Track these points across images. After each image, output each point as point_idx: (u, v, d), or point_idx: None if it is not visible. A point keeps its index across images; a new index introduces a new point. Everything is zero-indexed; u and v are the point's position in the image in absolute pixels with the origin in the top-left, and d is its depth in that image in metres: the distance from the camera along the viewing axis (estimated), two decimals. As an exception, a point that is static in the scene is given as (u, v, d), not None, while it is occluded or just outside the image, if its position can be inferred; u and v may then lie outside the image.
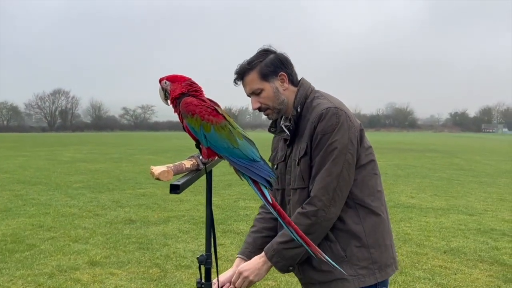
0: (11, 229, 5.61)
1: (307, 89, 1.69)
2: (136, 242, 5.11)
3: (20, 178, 10.57)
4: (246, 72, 1.66)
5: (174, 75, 1.43)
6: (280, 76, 1.66)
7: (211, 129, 1.35)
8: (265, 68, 1.64)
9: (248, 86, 1.67)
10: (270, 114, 1.70)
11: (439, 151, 23.21)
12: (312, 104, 1.64)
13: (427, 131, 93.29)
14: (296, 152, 1.65)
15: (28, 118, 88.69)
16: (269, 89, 1.64)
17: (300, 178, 1.62)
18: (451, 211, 7.08)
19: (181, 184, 1.07)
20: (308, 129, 1.60)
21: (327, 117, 1.56)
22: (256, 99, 1.67)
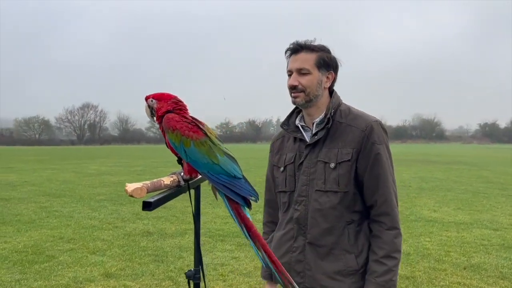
0: (32, 241, 5.77)
1: (339, 99, 1.73)
2: (152, 254, 5.17)
3: (46, 191, 10.88)
4: (305, 49, 1.65)
5: (161, 93, 1.47)
6: (329, 74, 1.68)
7: (191, 144, 1.38)
8: (324, 57, 1.65)
9: (299, 62, 1.64)
10: (300, 99, 1.66)
11: (466, 163, 22.58)
12: (351, 111, 1.68)
13: (456, 143, 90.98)
14: (329, 154, 1.63)
15: (59, 132, 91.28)
16: (315, 76, 1.64)
17: (336, 182, 1.60)
18: (474, 225, 6.87)
19: (154, 202, 1.08)
20: (353, 136, 1.61)
21: (380, 128, 1.63)
22: (297, 78, 1.65)
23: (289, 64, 1.68)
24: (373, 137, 1.60)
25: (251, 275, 4.43)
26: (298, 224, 1.65)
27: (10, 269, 4.60)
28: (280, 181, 1.76)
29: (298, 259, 1.64)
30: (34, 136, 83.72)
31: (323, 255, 1.61)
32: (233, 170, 1.41)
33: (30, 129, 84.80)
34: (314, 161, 1.65)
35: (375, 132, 1.60)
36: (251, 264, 4.77)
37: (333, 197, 1.60)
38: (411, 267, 4.71)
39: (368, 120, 1.63)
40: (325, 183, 1.61)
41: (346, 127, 1.63)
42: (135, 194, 1.11)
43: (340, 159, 1.60)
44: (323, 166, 1.62)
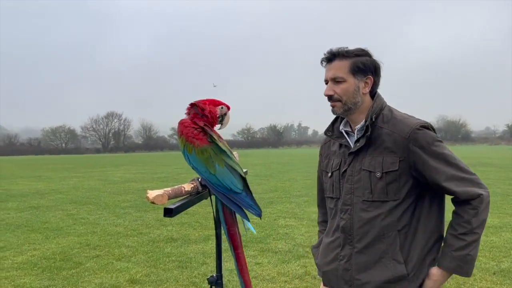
0: (60, 247, 5.91)
1: (383, 102, 1.68)
2: (176, 260, 5.21)
3: (73, 198, 11.13)
4: (339, 57, 1.63)
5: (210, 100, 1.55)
6: (367, 79, 1.63)
7: (192, 151, 1.40)
8: (358, 63, 1.61)
9: (333, 70, 1.63)
10: (337, 108, 1.64)
11: (494, 165, 21.96)
12: (393, 116, 1.63)
13: (482, 144, 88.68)
14: (373, 163, 1.60)
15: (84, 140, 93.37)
16: (351, 84, 1.61)
17: (384, 191, 1.57)
18: (504, 229, 6.67)
19: (175, 208, 1.10)
20: (399, 144, 1.57)
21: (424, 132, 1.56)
22: (333, 87, 1.63)
23: (325, 74, 1.67)
24: (419, 143, 1.54)
25: (274, 281, 4.42)
26: (344, 233, 1.64)
27: (39, 276, 4.72)
28: (327, 186, 1.75)
29: (345, 267, 1.62)
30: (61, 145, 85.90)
31: (371, 264, 1.59)
32: (230, 183, 1.41)
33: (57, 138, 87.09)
34: (358, 169, 1.62)
35: (420, 137, 1.54)
36: (274, 270, 4.76)
37: (382, 206, 1.57)
38: (438, 272, 4.61)
39: (410, 125, 1.57)
40: (372, 193, 1.59)
41: (388, 133, 1.59)
42: (157, 201, 1.13)
43: (386, 168, 1.57)
44: (368, 175, 1.60)
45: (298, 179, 15.39)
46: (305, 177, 16.13)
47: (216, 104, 1.52)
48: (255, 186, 12.91)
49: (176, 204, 1.14)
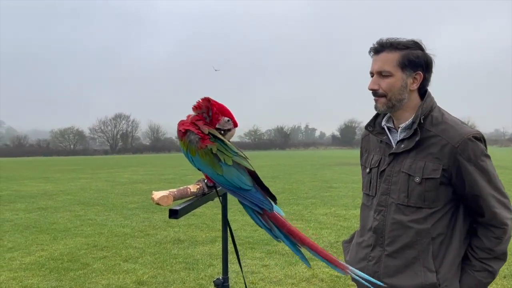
0: (68, 248, 5.93)
1: (433, 102, 1.57)
2: (183, 262, 5.20)
3: (81, 199, 11.18)
4: (388, 48, 1.52)
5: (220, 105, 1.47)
6: (417, 74, 1.53)
7: (196, 153, 1.36)
8: (409, 56, 1.50)
9: (380, 63, 1.52)
10: (381, 104, 1.55)
11: (505, 167, 21.73)
12: (445, 120, 1.53)
13: (492, 146, 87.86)
14: (414, 167, 1.52)
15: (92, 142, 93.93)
16: (398, 79, 1.51)
17: (421, 198, 1.51)
18: (514, 232, 6.58)
19: (180, 209, 1.09)
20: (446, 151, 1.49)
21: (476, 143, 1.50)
22: (378, 81, 1.53)
23: (371, 65, 1.57)
24: (467, 154, 1.46)
25: (281, 283, 4.39)
26: (376, 234, 1.59)
27: (46, 276, 4.73)
28: (365, 182, 1.70)
29: (374, 269, 1.58)
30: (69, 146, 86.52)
31: (401, 269, 1.53)
32: (239, 181, 1.36)
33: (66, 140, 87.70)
34: (397, 171, 1.55)
35: (470, 149, 1.46)
36: (281, 272, 4.73)
37: (418, 212, 1.51)
38: (447, 275, 4.55)
39: (462, 134, 1.48)
40: (409, 197, 1.52)
41: (436, 138, 1.50)
42: (162, 202, 1.12)
43: (427, 174, 1.49)
44: (407, 179, 1.52)
45: (305, 181, 15.34)
46: (312, 179, 16.07)
47: (224, 113, 1.43)
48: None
49: (182, 206, 1.12)
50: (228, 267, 1.57)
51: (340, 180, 15.42)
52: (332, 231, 6.74)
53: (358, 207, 8.87)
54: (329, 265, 1.39)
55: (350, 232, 6.67)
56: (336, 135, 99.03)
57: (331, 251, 5.50)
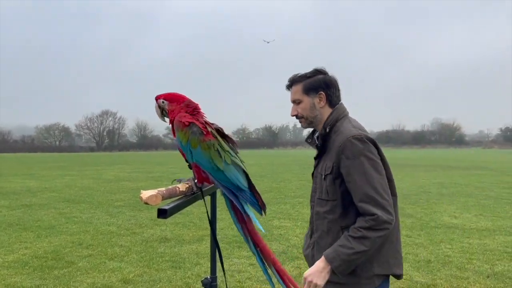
0: (52, 246, 5.85)
1: (340, 113, 1.89)
2: (169, 260, 5.17)
3: (66, 197, 11.04)
4: (294, 83, 1.93)
5: (172, 94, 1.45)
6: (320, 94, 1.88)
7: (198, 145, 1.35)
8: (309, 84, 1.89)
9: (292, 95, 1.94)
10: (302, 123, 1.94)
11: (487, 169, 22.09)
12: (340, 128, 1.85)
13: (476, 147, 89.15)
14: (323, 167, 1.87)
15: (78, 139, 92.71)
16: (306, 102, 1.89)
17: (326, 191, 1.83)
18: (497, 232, 6.69)
19: (169, 209, 1.07)
20: (335, 151, 1.80)
21: (353, 143, 1.74)
22: (295, 108, 1.93)
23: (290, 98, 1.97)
24: (346, 153, 1.75)
25: (268, 282, 4.39)
26: (311, 224, 1.93)
27: (30, 275, 4.66)
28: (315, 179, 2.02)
29: (312, 254, 1.89)
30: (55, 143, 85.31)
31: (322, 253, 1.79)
32: (236, 180, 1.39)
33: (51, 136, 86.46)
34: (318, 172, 1.93)
35: (347, 148, 1.75)
36: (268, 271, 4.73)
37: (325, 204, 1.83)
38: (432, 274, 4.61)
39: (346, 135, 1.78)
40: (322, 193, 1.86)
41: (334, 142, 1.84)
42: (150, 201, 1.10)
43: (325, 172, 1.84)
44: (320, 177, 1.89)
45: (292, 180, 15.38)
46: (299, 178, 16.12)
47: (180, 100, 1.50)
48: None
49: (171, 205, 1.10)
50: (216, 267, 1.56)
51: (327, 179, 15.49)
52: (319, 230, 6.77)
53: (345, 206, 8.88)
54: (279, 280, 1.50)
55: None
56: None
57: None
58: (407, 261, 5.08)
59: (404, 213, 8.39)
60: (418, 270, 4.77)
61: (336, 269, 1.68)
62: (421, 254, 5.41)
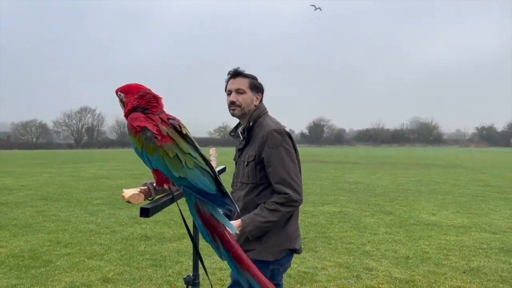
0: (29, 245, 5.73)
1: (262, 110, 2.27)
2: (150, 258, 5.13)
3: (44, 195, 10.82)
4: (242, 75, 2.24)
5: (128, 85, 1.30)
6: (258, 95, 2.28)
7: (155, 152, 1.21)
8: (255, 83, 2.27)
9: (238, 83, 2.21)
10: (237, 111, 2.22)
11: (464, 167, 22.61)
12: (262, 122, 2.23)
13: (453, 146, 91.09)
14: (246, 155, 2.25)
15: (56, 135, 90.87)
16: (249, 96, 2.22)
17: (247, 176, 2.22)
18: (473, 229, 6.86)
19: (152, 208, 1.06)
20: (258, 142, 2.16)
21: (274, 136, 2.14)
22: (236, 96, 2.21)
23: (229, 86, 2.24)
24: (268, 143, 2.13)
25: (249, 280, 4.40)
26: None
27: (6, 274, 4.55)
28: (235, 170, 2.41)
29: None
30: (32, 139, 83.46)
31: None
32: (202, 185, 1.25)
33: (28, 132, 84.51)
34: (240, 160, 2.31)
35: (269, 139, 2.13)
36: (249, 269, 4.74)
37: (246, 187, 2.23)
38: (410, 270, 4.69)
39: (267, 130, 2.16)
40: (243, 177, 2.25)
41: (257, 135, 2.20)
42: (133, 200, 1.09)
43: (249, 159, 2.20)
44: (243, 164, 2.26)
45: (274, 178, 15.41)
46: (281, 176, 16.16)
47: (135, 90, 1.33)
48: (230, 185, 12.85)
49: (153, 204, 1.09)
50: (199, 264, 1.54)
51: (308, 177, 15.59)
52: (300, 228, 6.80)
53: (326, 204, 9.08)
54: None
55: (318, 229, 6.76)
56: (305, 132, 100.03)
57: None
58: (386, 258, 5.16)
59: (383, 210, 8.52)
60: (397, 266, 4.85)
61: (249, 232, 2.05)
62: (400, 250, 5.50)
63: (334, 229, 6.79)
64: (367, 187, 12.48)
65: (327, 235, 6.34)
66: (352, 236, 6.28)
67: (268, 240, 2.12)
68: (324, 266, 4.84)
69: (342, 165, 23.16)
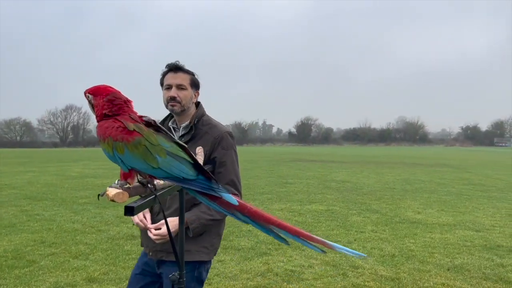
0: (13, 245, 5.64)
1: (203, 110, 2.26)
2: (136, 258, 5.08)
3: (27, 194, 10.66)
4: (184, 71, 2.16)
5: (97, 87, 1.29)
6: (196, 93, 2.24)
7: (124, 149, 1.19)
8: (195, 80, 2.21)
9: (179, 79, 2.14)
10: (177, 108, 2.15)
11: (449, 166, 22.91)
12: (211, 122, 2.21)
13: (438, 145, 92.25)
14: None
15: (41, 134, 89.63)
16: (189, 92, 2.17)
17: None
18: (458, 227, 6.95)
19: (137, 206, 1.04)
20: (210, 142, 2.14)
21: (228, 138, 2.17)
22: (177, 92, 2.14)
23: (168, 80, 2.15)
24: (222, 144, 2.13)
25: (236, 278, 4.40)
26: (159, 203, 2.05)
27: (-11, 275, 4.47)
28: None
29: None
30: (15, 138, 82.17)
31: None
32: (179, 171, 1.23)
33: (11, 131, 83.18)
34: None
35: (224, 141, 2.14)
36: (236, 267, 4.74)
37: None
38: (395, 268, 4.74)
39: (222, 131, 2.16)
40: None
41: (205, 133, 2.16)
42: (117, 199, 1.07)
43: None
44: None
45: (262, 176, 15.44)
46: (268, 174, 16.20)
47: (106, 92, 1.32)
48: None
49: (138, 202, 1.07)
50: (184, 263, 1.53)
51: (295, 176, 15.64)
52: (287, 226, 6.82)
53: (313, 202, 9.09)
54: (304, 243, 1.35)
55: (305, 227, 6.79)
56: (293, 131, 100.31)
57: (285, 246, 5.57)
58: (372, 255, 5.21)
59: (369, 208, 8.59)
60: (383, 264, 4.90)
61: (194, 229, 2.01)
62: (386, 248, 5.55)
63: (321, 227, 6.83)
64: (354, 186, 12.57)
65: (314, 234, 6.35)
66: (338, 235, 6.32)
67: (204, 240, 2.10)
68: (311, 264, 4.86)
69: (329, 164, 23.29)
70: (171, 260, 2.07)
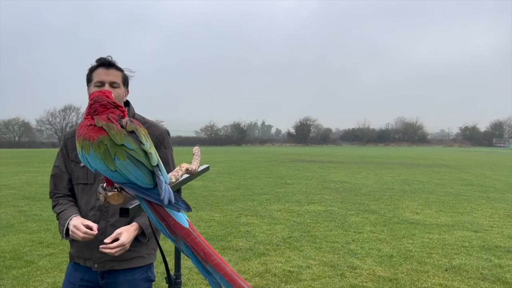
0: (11, 245, 5.63)
1: (133, 109, 2.19)
2: (134, 258, 5.08)
3: (25, 194, 10.64)
4: (116, 68, 2.04)
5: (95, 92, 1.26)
6: (127, 91, 2.13)
7: (90, 149, 1.10)
8: (126, 77, 2.11)
9: (113, 76, 2.02)
10: None
11: (448, 166, 22.94)
12: (147, 121, 2.15)
13: (437, 146, 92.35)
14: None
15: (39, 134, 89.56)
16: (121, 90, 2.06)
17: None
18: (456, 227, 6.96)
19: (132, 208, 1.04)
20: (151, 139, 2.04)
21: (168, 136, 2.16)
22: (110, 90, 2.00)
23: (100, 76, 2.01)
24: (164, 143, 2.11)
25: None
26: (100, 211, 2.00)
27: (-14, 275, 4.47)
28: (80, 175, 2.07)
29: (100, 239, 1.91)
30: (14, 138, 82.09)
31: None
32: (135, 178, 1.09)
33: (10, 131, 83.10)
34: None
35: (165, 140, 2.12)
36: (234, 268, 4.73)
37: None
38: (393, 269, 4.74)
39: (161, 130, 2.13)
40: None
41: None
42: (112, 200, 1.06)
43: None
44: None
45: (260, 177, 15.44)
46: (267, 175, 16.20)
47: None
48: (218, 184, 12.84)
49: (134, 204, 1.07)
50: (181, 264, 1.54)
51: (294, 176, 15.65)
52: (285, 227, 6.83)
53: (312, 203, 9.09)
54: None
55: (303, 228, 6.79)
56: (292, 132, 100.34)
57: (283, 247, 5.58)
58: (370, 256, 5.21)
59: (368, 209, 8.60)
60: (381, 264, 4.90)
61: (149, 234, 1.97)
62: (384, 249, 5.55)
63: (320, 228, 6.83)
64: (352, 187, 12.57)
65: (312, 234, 6.36)
66: (337, 235, 6.32)
67: (152, 242, 2.09)
68: (309, 265, 4.86)
69: (328, 165, 23.30)
70: (124, 268, 2.03)
